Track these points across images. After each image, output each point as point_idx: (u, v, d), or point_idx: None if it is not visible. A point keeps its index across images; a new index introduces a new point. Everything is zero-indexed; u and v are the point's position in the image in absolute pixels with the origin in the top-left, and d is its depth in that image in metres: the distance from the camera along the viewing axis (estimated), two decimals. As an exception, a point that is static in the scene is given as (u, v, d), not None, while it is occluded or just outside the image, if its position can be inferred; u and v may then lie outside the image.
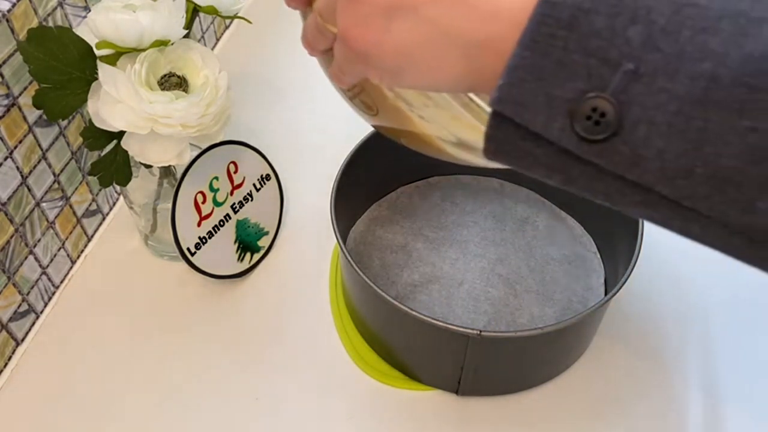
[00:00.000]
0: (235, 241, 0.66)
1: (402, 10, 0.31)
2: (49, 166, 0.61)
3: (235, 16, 0.59)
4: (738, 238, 0.28)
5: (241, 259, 0.66)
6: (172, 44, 0.54)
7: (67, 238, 0.66)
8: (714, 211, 0.27)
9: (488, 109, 0.31)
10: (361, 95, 0.42)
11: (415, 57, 0.32)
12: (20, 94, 0.56)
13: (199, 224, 0.62)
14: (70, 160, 0.64)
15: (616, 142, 0.27)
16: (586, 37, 0.27)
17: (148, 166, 0.62)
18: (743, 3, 0.26)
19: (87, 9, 0.62)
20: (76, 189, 0.66)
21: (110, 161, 0.58)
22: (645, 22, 0.27)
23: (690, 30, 0.26)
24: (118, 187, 0.68)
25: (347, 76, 0.38)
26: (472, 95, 0.36)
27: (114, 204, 0.73)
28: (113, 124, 0.53)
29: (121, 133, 0.55)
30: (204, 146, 0.62)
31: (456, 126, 0.39)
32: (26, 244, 0.60)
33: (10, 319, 0.60)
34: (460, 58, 0.31)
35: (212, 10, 0.56)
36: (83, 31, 0.53)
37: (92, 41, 0.52)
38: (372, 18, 0.32)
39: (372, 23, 0.32)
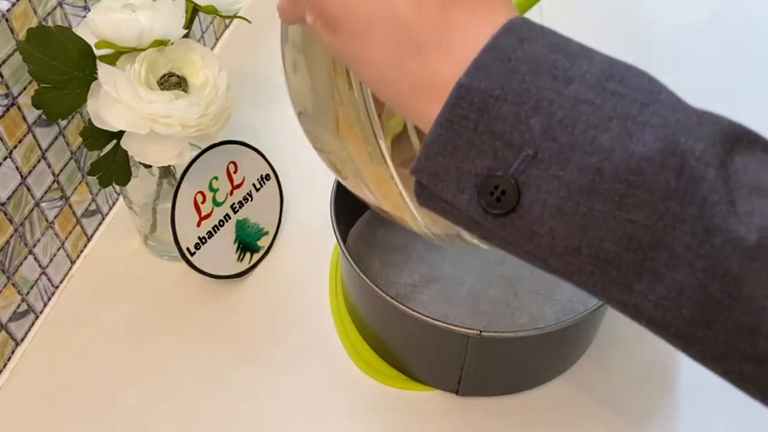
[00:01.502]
0: (235, 241, 0.66)
1: None
2: (49, 166, 0.61)
3: (235, 16, 0.59)
4: (622, 309, 0.31)
5: (240, 259, 0.66)
6: (172, 44, 0.54)
7: (66, 238, 0.66)
8: (597, 288, 0.31)
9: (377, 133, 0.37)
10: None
11: (363, 27, 0.33)
12: (20, 94, 0.56)
13: (198, 224, 0.62)
14: (70, 160, 0.64)
15: (514, 218, 0.31)
16: (494, 122, 0.30)
17: (148, 166, 0.62)
18: (633, 107, 0.29)
19: (86, 9, 0.62)
20: (75, 189, 0.65)
21: (110, 161, 0.58)
22: (546, 113, 0.29)
23: (583, 125, 0.29)
24: (117, 187, 0.68)
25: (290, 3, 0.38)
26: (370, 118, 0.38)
27: (113, 204, 0.73)
28: (113, 124, 0.53)
29: (121, 133, 0.55)
30: (204, 146, 0.61)
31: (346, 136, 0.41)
32: (26, 244, 0.60)
33: (10, 319, 0.60)
34: (397, 56, 0.32)
35: (212, 10, 0.56)
36: (83, 31, 0.53)
37: (92, 41, 0.52)
38: None
39: None
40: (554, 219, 0.30)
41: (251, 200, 0.67)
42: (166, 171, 0.64)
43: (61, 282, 0.66)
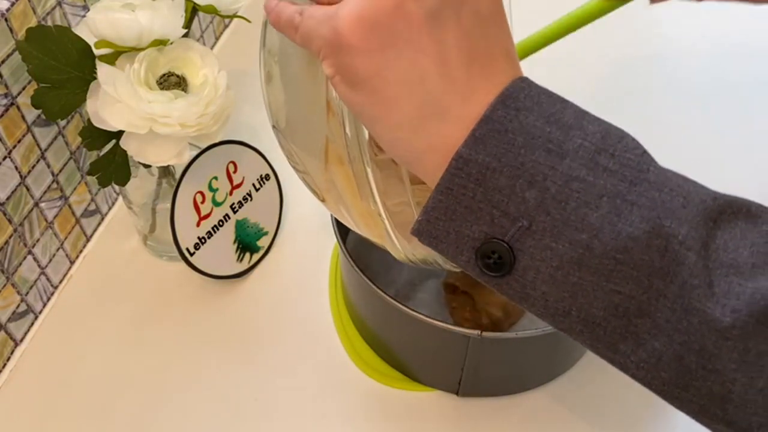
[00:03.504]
0: (235, 241, 0.66)
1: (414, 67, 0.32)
2: (48, 165, 0.61)
3: (235, 15, 0.59)
4: (609, 362, 0.34)
5: (240, 259, 0.66)
6: (171, 43, 0.54)
7: (65, 238, 0.66)
8: (586, 344, 0.33)
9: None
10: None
11: (390, 94, 0.33)
12: (19, 94, 0.56)
13: (198, 224, 0.62)
14: (69, 159, 0.64)
15: (510, 280, 0.33)
16: (490, 192, 0.32)
17: (147, 166, 0.62)
18: (622, 185, 0.31)
19: (86, 8, 0.62)
20: (74, 189, 0.65)
21: (109, 161, 0.58)
22: (540, 187, 0.31)
23: (575, 202, 0.31)
24: (117, 187, 0.68)
25: (298, 33, 0.36)
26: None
27: (113, 204, 0.73)
28: (112, 124, 0.53)
29: (120, 133, 0.55)
30: (203, 146, 0.61)
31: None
32: (25, 244, 0.60)
33: (9, 320, 0.60)
34: (418, 121, 0.33)
35: (211, 9, 0.56)
36: (82, 31, 0.53)
37: (91, 40, 0.52)
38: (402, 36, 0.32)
39: (396, 43, 0.32)
40: (547, 284, 0.32)
41: (251, 200, 0.67)
42: (166, 171, 0.64)
43: (60, 282, 0.66)
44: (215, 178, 0.63)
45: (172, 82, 0.54)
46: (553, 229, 0.31)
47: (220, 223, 0.64)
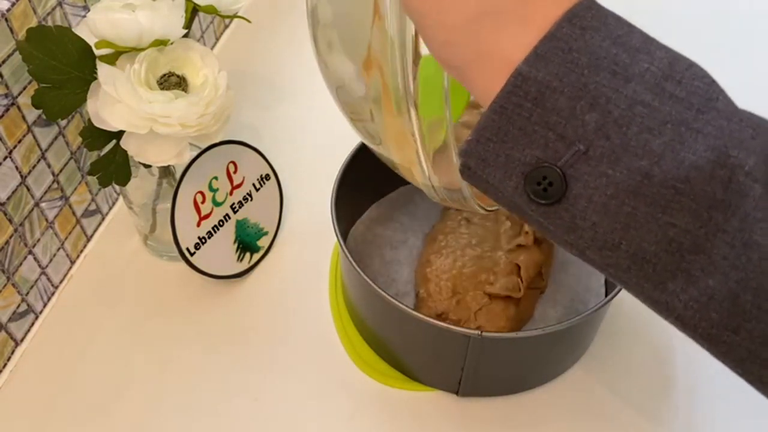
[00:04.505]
0: (235, 241, 0.66)
1: None
2: (49, 165, 0.61)
3: (235, 16, 0.59)
4: (652, 305, 0.32)
5: (240, 259, 0.66)
6: (172, 44, 0.54)
7: (66, 238, 0.66)
8: (631, 282, 0.31)
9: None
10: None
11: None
12: (19, 94, 0.56)
13: (198, 224, 0.62)
14: (70, 159, 0.64)
15: (558, 209, 0.31)
16: (548, 113, 0.30)
17: (148, 166, 0.62)
18: (689, 112, 0.29)
19: (86, 8, 0.62)
20: (75, 189, 0.65)
21: (109, 161, 0.58)
22: (602, 110, 0.30)
23: (638, 126, 0.29)
24: (117, 187, 0.68)
25: None
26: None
27: (113, 204, 0.73)
28: (112, 124, 0.53)
29: (121, 133, 0.55)
30: (203, 146, 0.61)
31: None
32: (25, 244, 0.60)
33: (10, 320, 0.60)
34: (472, 23, 0.32)
35: (212, 10, 0.56)
36: (82, 31, 0.53)
37: (91, 41, 0.52)
38: None
39: None
40: (598, 214, 0.30)
41: (251, 200, 0.67)
42: (166, 171, 0.64)
43: (60, 282, 0.66)
44: (215, 178, 0.63)
45: (173, 82, 0.54)
46: (611, 155, 0.29)
47: (221, 223, 0.64)
